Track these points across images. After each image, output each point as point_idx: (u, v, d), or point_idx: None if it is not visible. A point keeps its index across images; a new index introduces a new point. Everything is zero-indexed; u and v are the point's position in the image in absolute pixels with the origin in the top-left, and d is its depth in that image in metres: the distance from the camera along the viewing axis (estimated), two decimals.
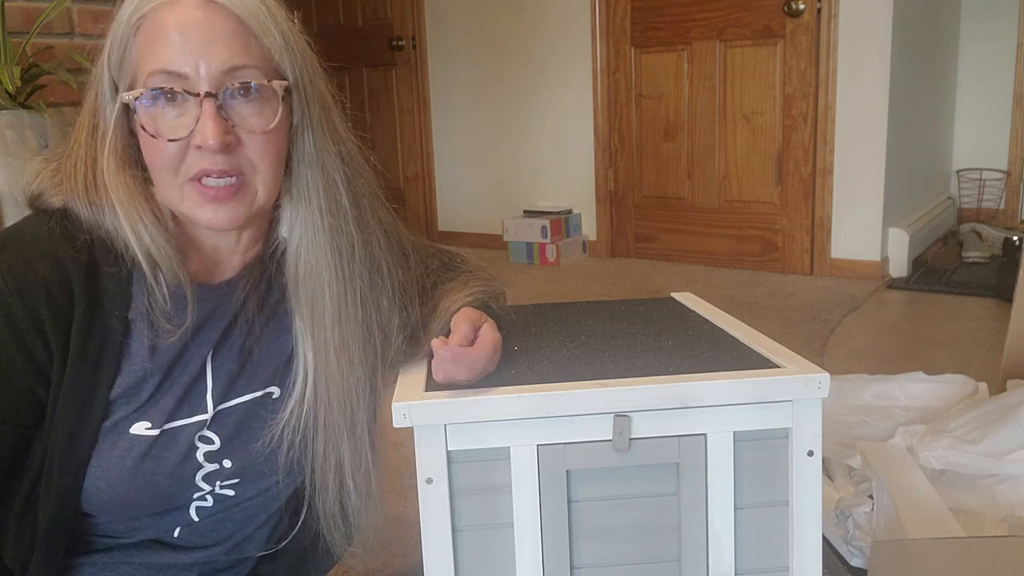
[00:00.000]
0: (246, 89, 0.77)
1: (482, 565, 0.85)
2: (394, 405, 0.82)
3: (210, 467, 0.89)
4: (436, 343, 0.82)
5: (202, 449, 0.88)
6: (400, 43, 4.44)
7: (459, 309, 0.93)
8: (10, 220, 1.71)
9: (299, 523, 0.98)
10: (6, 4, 1.76)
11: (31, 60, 1.79)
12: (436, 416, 0.82)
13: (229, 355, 0.89)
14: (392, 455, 1.03)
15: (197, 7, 0.76)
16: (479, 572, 0.86)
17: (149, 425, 0.84)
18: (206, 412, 0.87)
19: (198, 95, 0.76)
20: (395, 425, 0.82)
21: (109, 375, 0.81)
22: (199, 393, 0.87)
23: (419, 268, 0.99)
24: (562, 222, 3.95)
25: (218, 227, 0.81)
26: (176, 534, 0.90)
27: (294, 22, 0.83)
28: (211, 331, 0.87)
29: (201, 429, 0.87)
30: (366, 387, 0.89)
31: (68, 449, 0.80)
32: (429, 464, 0.83)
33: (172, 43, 0.75)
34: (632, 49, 3.80)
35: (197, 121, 0.76)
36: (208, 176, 0.78)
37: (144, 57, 0.77)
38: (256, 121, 0.79)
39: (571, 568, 0.86)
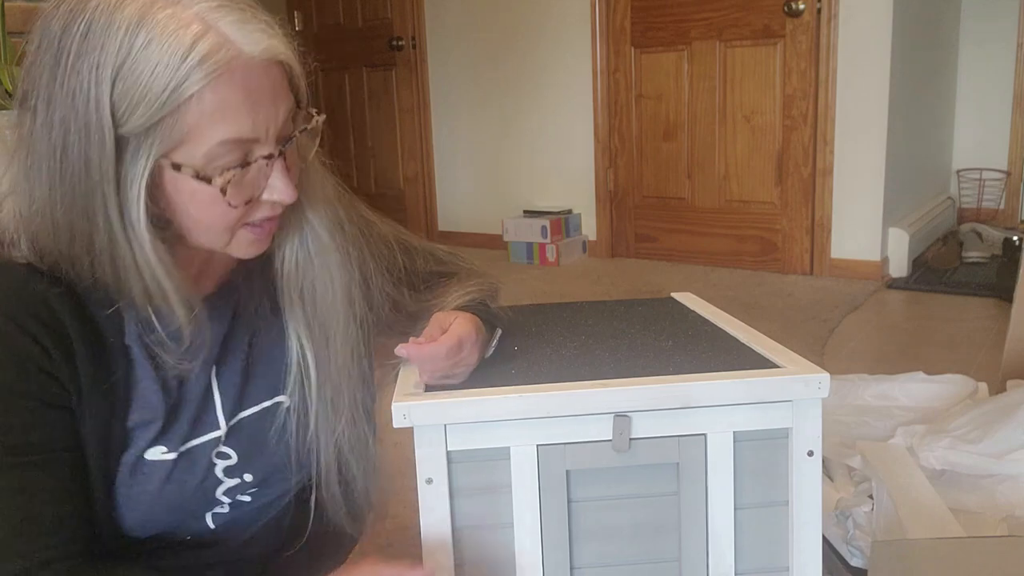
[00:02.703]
0: (301, 132, 0.78)
1: (482, 565, 0.85)
2: (394, 405, 0.82)
3: (231, 482, 0.88)
4: (399, 347, 0.83)
5: (220, 465, 0.87)
6: (400, 43, 4.44)
7: (454, 308, 0.94)
8: None
9: (311, 512, 0.98)
10: (6, 4, 1.76)
11: None
12: (436, 416, 0.82)
13: (233, 368, 0.88)
14: (392, 455, 1.02)
15: (264, 70, 0.72)
16: (479, 572, 0.86)
17: (166, 449, 0.82)
18: (219, 428, 0.86)
19: (269, 156, 0.75)
20: (395, 425, 0.82)
21: (124, 405, 0.80)
22: (210, 410, 0.86)
23: (423, 265, 1.00)
24: (562, 222, 3.95)
25: (255, 256, 0.82)
26: (188, 538, 0.90)
27: (295, 27, 0.83)
28: (212, 345, 0.85)
29: (217, 446, 0.86)
30: (360, 376, 0.90)
31: (96, 482, 0.80)
32: (429, 464, 0.83)
33: (244, 111, 0.71)
34: (632, 49, 3.80)
35: (266, 178, 0.76)
36: (269, 220, 0.79)
37: (205, 125, 0.71)
38: (304, 154, 0.81)
39: (571, 568, 0.86)
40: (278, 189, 0.76)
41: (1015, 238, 3.43)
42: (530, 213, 4.07)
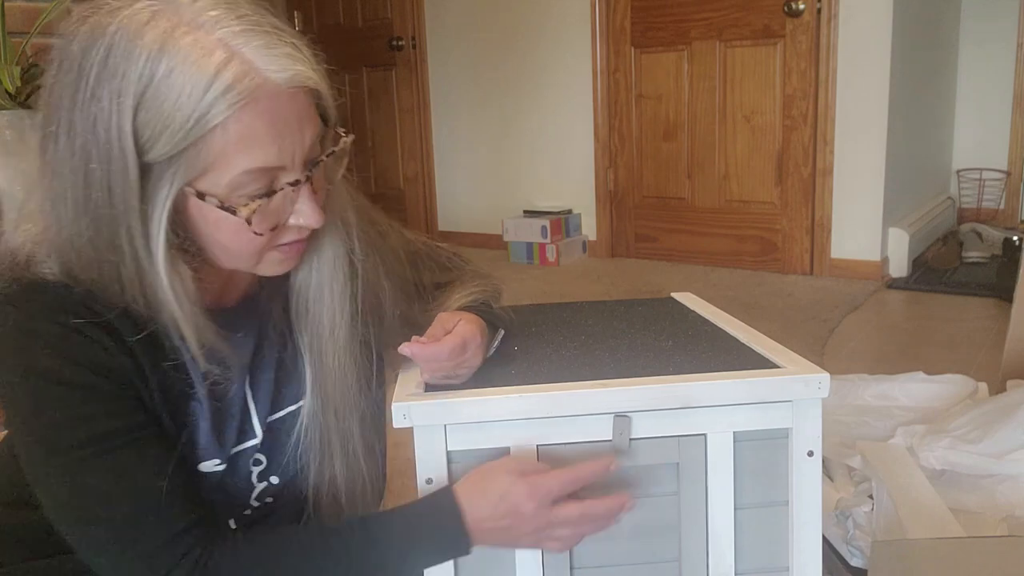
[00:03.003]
0: (328, 156, 0.78)
1: (482, 565, 0.85)
2: (394, 405, 0.82)
3: (260, 486, 0.89)
4: (403, 346, 0.83)
5: (255, 471, 0.88)
6: (400, 43, 4.44)
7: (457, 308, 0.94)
8: (10, 220, 1.71)
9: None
10: (6, 4, 1.76)
11: (31, 60, 1.79)
12: (436, 416, 0.82)
13: (265, 378, 0.88)
14: (392, 455, 1.03)
15: (290, 98, 0.71)
16: (479, 572, 0.86)
17: (219, 461, 0.83)
18: (256, 437, 0.87)
19: (295, 183, 0.74)
20: (395, 425, 0.82)
21: (181, 400, 0.80)
22: (248, 418, 0.87)
23: (404, 263, 0.99)
24: (562, 222, 3.95)
25: (283, 273, 0.82)
26: None
27: (295, 27, 0.82)
28: (243, 355, 0.86)
29: (254, 454, 0.88)
30: (362, 392, 0.89)
31: None
32: (429, 464, 0.83)
33: (269, 142, 0.70)
34: (632, 49, 3.80)
35: (293, 204, 0.75)
36: (298, 242, 0.79)
37: (230, 154, 0.70)
38: (331, 176, 0.81)
39: (571, 568, 0.86)
40: (305, 214, 0.75)
41: (1015, 238, 3.43)
42: (530, 213, 4.07)
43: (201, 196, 0.72)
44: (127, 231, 0.71)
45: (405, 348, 0.83)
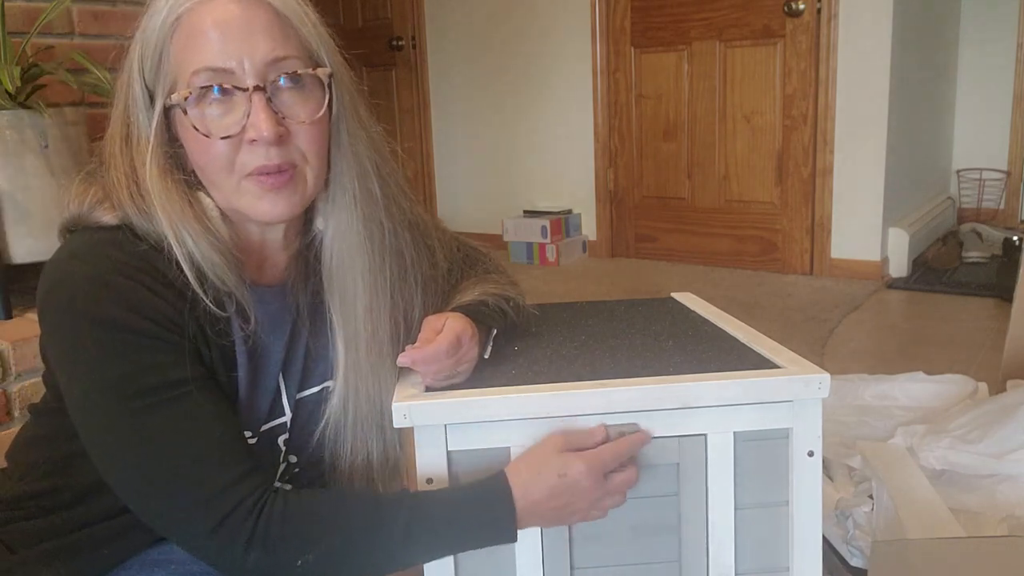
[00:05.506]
0: (293, 79, 0.78)
1: (482, 565, 0.85)
2: (394, 405, 0.82)
3: (282, 466, 0.91)
4: (401, 357, 0.83)
5: (283, 450, 0.90)
6: (400, 43, 4.44)
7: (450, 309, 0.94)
8: (10, 220, 1.71)
9: None
10: (6, 4, 1.76)
11: (31, 60, 1.79)
12: (436, 416, 0.82)
13: (297, 355, 0.90)
14: None
15: (233, 2, 0.76)
16: (479, 572, 0.86)
17: (250, 434, 0.85)
18: (286, 414, 0.89)
19: (246, 89, 0.76)
20: (395, 425, 0.83)
21: (227, 366, 0.82)
22: (279, 396, 0.89)
23: (444, 264, 1.00)
24: (562, 222, 3.95)
25: (275, 219, 0.81)
26: None
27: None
28: (281, 334, 0.88)
29: (284, 433, 0.89)
30: (395, 380, 0.90)
31: None
32: (429, 464, 0.83)
33: (213, 40, 0.75)
34: (632, 49, 3.80)
35: (247, 116, 0.76)
36: (265, 173, 0.78)
37: (185, 58, 0.77)
38: (304, 110, 0.80)
39: (571, 568, 0.86)
40: (255, 125, 0.77)
41: (1015, 238, 3.43)
42: (530, 213, 4.07)
43: (172, 107, 0.78)
44: (137, 130, 0.80)
45: (403, 358, 0.83)
